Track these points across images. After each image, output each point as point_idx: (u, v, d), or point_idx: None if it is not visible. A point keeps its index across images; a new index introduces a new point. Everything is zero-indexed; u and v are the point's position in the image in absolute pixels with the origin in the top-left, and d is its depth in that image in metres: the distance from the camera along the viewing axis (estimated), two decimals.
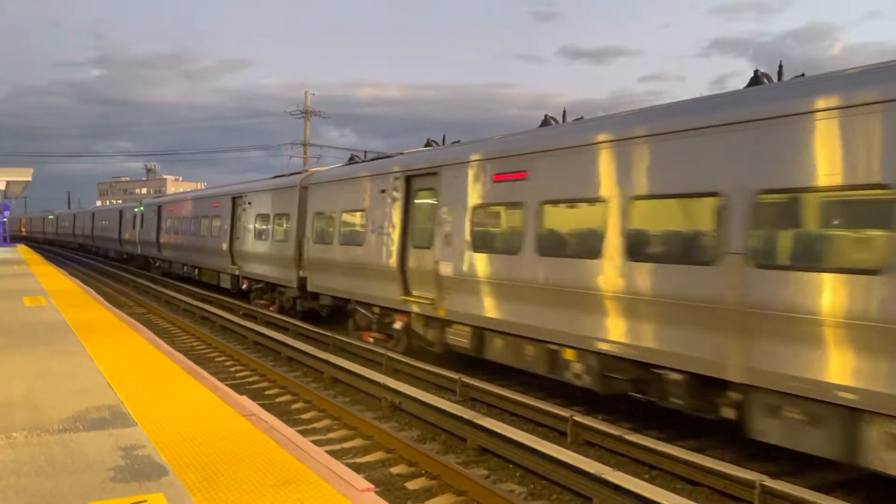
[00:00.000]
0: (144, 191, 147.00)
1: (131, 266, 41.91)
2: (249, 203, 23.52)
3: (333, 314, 18.29)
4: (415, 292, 13.73)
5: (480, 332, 11.94)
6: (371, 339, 15.52)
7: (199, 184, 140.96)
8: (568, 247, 10.23)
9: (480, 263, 11.74)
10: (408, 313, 14.01)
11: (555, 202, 10.37)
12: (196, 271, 29.99)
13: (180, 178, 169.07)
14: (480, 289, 11.72)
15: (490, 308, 11.54)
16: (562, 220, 10.54)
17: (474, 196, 12.03)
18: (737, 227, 7.68)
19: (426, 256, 13.27)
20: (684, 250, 8.52)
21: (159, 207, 35.89)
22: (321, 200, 18.01)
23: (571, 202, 10.16)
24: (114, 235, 47.41)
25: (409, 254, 13.93)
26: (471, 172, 12.16)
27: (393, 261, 14.23)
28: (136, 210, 41.32)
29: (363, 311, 15.92)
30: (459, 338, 12.45)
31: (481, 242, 11.87)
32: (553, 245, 10.38)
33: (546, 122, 12.20)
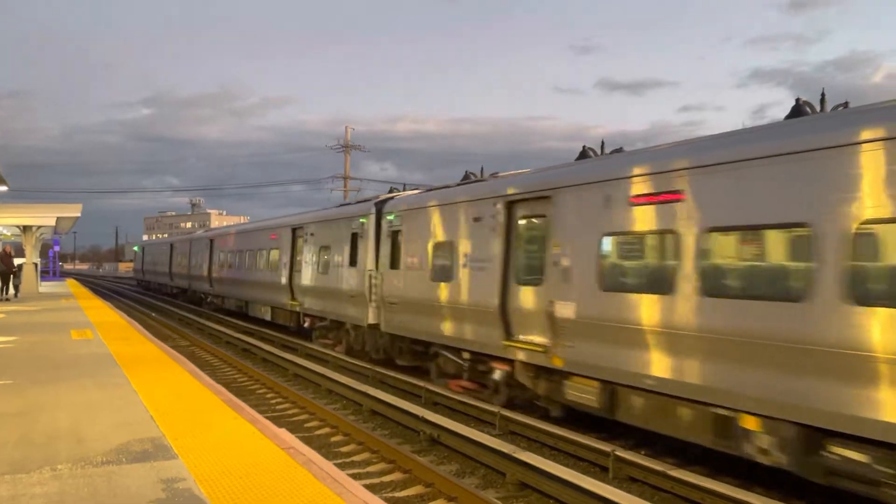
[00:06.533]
0: (189, 225, 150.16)
1: (179, 300, 42.12)
2: (312, 234, 21.86)
3: (414, 356, 16.06)
4: (520, 336, 11.71)
5: (613, 388, 9.90)
6: (460, 389, 13.58)
7: (242, 218, 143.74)
8: (750, 286, 8.33)
9: (615, 304, 9.70)
10: (510, 361, 11.98)
11: (726, 230, 8.44)
12: (251, 307, 28.55)
13: (224, 212, 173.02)
14: (615, 335, 9.65)
15: (629, 360, 9.42)
16: (738, 252, 8.66)
17: (604, 223, 10.05)
18: None
19: (534, 295, 11.40)
20: None
21: (211, 241, 34.80)
22: (398, 230, 16.23)
23: (754, 229, 8.19)
24: (164, 269, 46.76)
25: (512, 291, 11.97)
26: (598, 195, 10.19)
27: (491, 299, 12.26)
28: (186, 243, 40.52)
29: (450, 356, 14.00)
30: (583, 393, 10.38)
31: (616, 279, 10.01)
32: (725, 284, 8.50)
33: (584, 153, 12.19)
